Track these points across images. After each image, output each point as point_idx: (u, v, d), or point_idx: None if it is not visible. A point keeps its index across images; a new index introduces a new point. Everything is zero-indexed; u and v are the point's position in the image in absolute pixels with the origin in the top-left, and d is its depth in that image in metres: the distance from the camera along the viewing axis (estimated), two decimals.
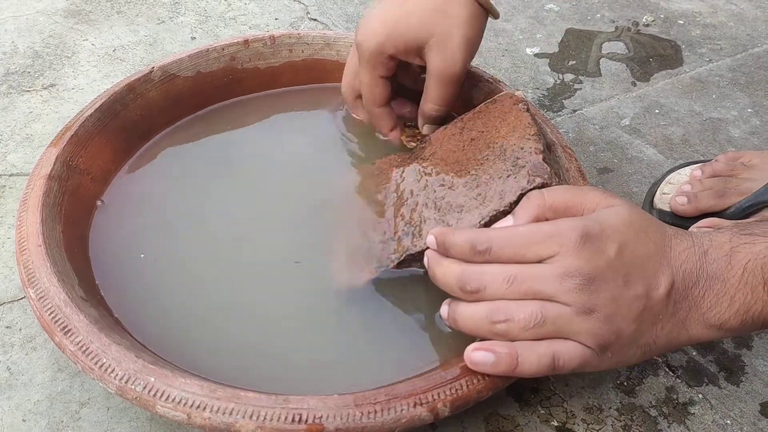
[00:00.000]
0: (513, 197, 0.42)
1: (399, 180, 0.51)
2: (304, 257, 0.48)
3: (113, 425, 0.42)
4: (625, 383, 0.46)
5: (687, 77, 0.76)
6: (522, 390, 0.45)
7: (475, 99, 0.58)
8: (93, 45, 0.76)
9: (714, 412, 0.45)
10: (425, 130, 0.55)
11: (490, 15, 0.52)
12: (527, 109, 0.48)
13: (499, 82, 0.58)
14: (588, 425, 0.43)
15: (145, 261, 0.47)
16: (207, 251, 0.48)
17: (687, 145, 0.66)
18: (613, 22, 0.86)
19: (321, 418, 0.34)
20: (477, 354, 0.37)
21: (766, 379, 0.47)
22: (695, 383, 0.46)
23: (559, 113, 0.70)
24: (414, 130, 0.57)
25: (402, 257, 0.45)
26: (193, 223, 0.50)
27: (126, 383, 0.36)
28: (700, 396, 0.46)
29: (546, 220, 0.39)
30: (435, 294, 0.41)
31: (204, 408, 0.34)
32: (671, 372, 0.47)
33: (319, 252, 0.48)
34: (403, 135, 0.57)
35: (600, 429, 0.43)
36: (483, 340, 0.37)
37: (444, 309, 0.39)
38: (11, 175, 0.59)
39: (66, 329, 0.38)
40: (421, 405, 0.36)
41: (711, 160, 0.58)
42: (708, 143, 0.67)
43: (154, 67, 0.57)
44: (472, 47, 0.51)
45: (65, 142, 0.49)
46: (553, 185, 0.42)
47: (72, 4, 0.83)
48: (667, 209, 0.56)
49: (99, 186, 0.51)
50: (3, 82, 0.70)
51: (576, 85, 0.75)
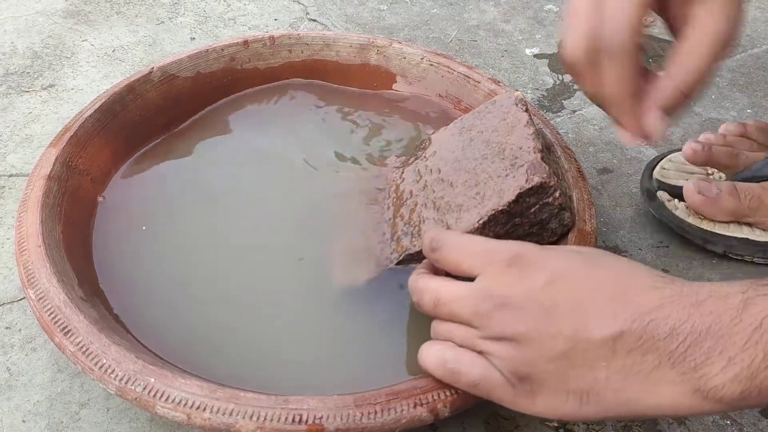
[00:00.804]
0: (512, 196, 0.42)
1: (398, 180, 0.51)
2: (304, 257, 0.48)
3: (113, 426, 0.42)
4: None
5: None
6: None
7: (475, 100, 0.58)
8: (92, 45, 0.76)
9: None
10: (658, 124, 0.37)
11: None
12: (526, 109, 0.48)
13: (499, 82, 0.58)
14: (588, 426, 0.43)
15: (145, 261, 0.47)
16: (207, 251, 0.48)
17: None
18: None
19: (321, 418, 0.34)
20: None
21: None
22: None
23: (559, 114, 0.70)
24: None
25: (401, 257, 0.45)
26: (193, 224, 0.50)
27: (126, 384, 0.36)
28: None
29: None
30: None
31: (204, 408, 0.34)
32: None
33: (319, 252, 0.48)
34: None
35: (600, 430, 0.43)
36: None
37: None
38: (10, 176, 0.59)
39: (66, 330, 0.38)
40: (422, 405, 0.36)
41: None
42: None
43: (153, 68, 0.57)
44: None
45: (65, 142, 0.49)
46: (552, 184, 0.42)
47: (71, 4, 0.83)
48: (667, 182, 0.57)
49: (99, 186, 0.51)
50: (2, 82, 0.70)
51: (575, 86, 0.75)
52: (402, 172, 0.51)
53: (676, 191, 0.55)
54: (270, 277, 0.47)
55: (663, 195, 0.56)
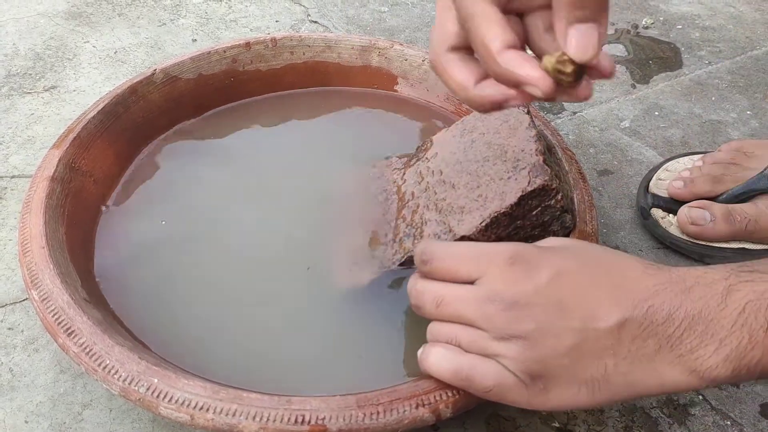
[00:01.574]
0: (514, 198, 0.42)
1: (400, 182, 0.51)
2: (306, 259, 0.48)
3: (116, 426, 0.42)
4: None
5: (686, 79, 0.76)
6: None
7: None
8: (94, 47, 0.76)
9: (714, 413, 0.45)
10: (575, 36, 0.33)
11: None
12: (527, 112, 0.48)
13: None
14: (589, 426, 0.44)
15: (148, 262, 0.47)
16: (209, 252, 0.48)
17: (686, 147, 0.67)
18: (613, 24, 0.86)
19: (324, 419, 0.35)
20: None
21: (766, 381, 0.47)
22: None
23: (559, 115, 0.70)
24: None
25: (404, 258, 0.45)
26: (196, 225, 0.50)
27: (129, 384, 0.36)
28: (700, 397, 0.46)
29: None
30: None
31: (207, 409, 0.35)
32: None
33: (322, 253, 0.48)
34: (550, 62, 0.35)
35: (601, 430, 0.43)
36: None
37: None
38: (13, 177, 0.59)
39: (69, 331, 0.38)
40: (423, 406, 0.36)
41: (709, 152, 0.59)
42: (707, 145, 0.67)
43: (156, 70, 0.57)
44: None
45: (68, 144, 0.49)
46: (554, 187, 0.42)
47: (73, 6, 0.83)
48: (662, 194, 0.57)
49: (101, 188, 0.51)
50: (4, 84, 0.70)
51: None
52: (403, 173, 0.51)
53: (674, 206, 0.55)
54: (272, 278, 0.47)
55: (657, 212, 0.56)
